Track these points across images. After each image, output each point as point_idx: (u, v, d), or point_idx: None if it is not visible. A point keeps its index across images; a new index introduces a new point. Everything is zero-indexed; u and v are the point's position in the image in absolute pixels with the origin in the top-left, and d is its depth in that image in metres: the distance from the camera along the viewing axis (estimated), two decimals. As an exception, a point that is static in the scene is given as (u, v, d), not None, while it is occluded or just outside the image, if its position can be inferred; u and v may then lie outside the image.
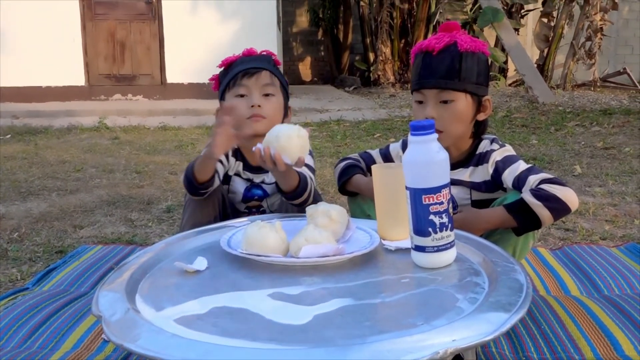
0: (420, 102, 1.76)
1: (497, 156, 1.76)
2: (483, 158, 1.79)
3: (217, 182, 1.85)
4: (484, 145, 1.82)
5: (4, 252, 2.50)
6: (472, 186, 1.81)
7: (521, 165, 1.72)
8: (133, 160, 4.70)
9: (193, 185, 1.77)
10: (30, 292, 2.02)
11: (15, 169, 4.31)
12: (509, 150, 1.80)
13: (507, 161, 1.74)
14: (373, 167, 1.56)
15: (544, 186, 1.61)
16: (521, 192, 1.65)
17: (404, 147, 1.91)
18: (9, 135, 5.92)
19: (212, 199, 1.86)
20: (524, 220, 1.60)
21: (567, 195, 1.60)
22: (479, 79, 1.74)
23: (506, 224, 1.63)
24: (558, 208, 1.59)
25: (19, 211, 3.16)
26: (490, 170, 1.76)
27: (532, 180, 1.65)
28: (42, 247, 2.55)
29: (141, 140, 5.77)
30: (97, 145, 5.44)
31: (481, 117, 1.80)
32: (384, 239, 1.47)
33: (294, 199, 1.78)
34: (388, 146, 1.98)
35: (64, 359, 1.52)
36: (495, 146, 1.80)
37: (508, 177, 1.71)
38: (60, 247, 2.57)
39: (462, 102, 1.74)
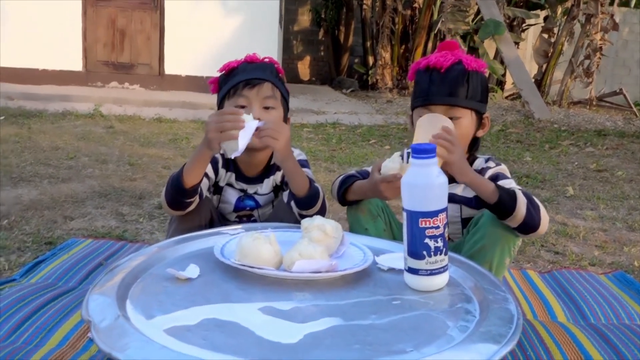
0: None
1: (491, 172, 1.79)
2: (478, 173, 1.79)
3: (203, 196, 1.83)
4: (479, 163, 1.86)
5: (-7, 239, 2.48)
6: (464, 201, 1.83)
7: (512, 184, 1.72)
8: (127, 152, 4.67)
9: (180, 190, 1.72)
10: (18, 283, 2.01)
11: (7, 153, 4.27)
12: (503, 170, 1.82)
13: (500, 176, 1.77)
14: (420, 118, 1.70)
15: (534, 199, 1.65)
16: None
17: None
18: (3, 117, 5.86)
19: (199, 210, 1.82)
20: (503, 202, 1.60)
21: (545, 218, 1.64)
22: (482, 97, 1.82)
23: (487, 191, 1.61)
24: (534, 217, 1.61)
25: (8, 197, 3.14)
26: None
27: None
28: (31, 237, 2.53)
29: (136, 131, 5.75)
30: (91, 133, 5.41)
31: (480, 133, 1.87)
32: None
33: (306, 207, 1.77)
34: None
35: (48, 357, 1.50)
36: (491, 164, 1.84)
37: None
38: (49, 238, 2.55)
39: (468, 119, 1.79)
